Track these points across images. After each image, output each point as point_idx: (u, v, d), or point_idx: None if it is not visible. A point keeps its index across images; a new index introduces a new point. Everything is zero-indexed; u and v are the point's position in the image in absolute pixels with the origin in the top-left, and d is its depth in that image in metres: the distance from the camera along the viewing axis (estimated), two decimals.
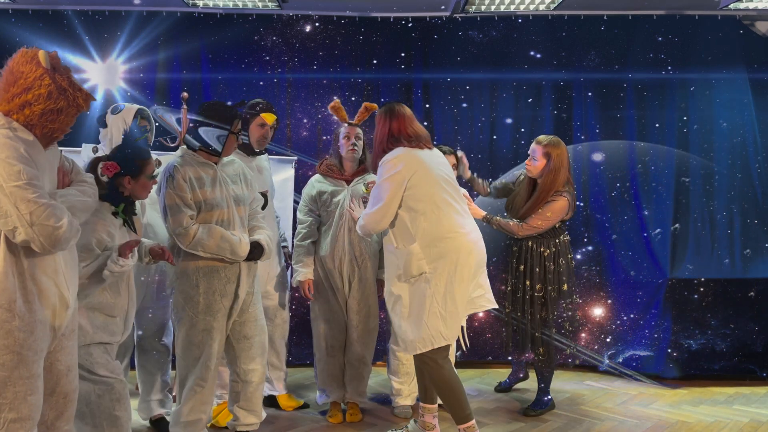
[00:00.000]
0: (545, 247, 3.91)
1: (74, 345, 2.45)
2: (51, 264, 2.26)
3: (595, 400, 4.27)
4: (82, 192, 2.39)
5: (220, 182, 3.17)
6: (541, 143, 3.85)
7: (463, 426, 3.20)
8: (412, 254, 3.13)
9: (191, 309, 3.12)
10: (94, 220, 2.71)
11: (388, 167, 3.17)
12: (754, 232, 4.97)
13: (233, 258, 3.13)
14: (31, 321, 2.20)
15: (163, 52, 5.00)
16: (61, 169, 2.41)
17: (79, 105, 2.28)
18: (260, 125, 3.71)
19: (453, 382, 3.20)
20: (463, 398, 3.21)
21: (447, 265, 3.12)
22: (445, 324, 3.12)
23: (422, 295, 3.14)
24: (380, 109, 3.35)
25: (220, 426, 3.67)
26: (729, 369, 4.71)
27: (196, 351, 3.13)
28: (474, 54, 5.11)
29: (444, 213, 3.15)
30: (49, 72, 2.23)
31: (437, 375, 3.20)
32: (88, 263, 2.69)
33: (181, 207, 3.05)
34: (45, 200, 2.14)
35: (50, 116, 2.23)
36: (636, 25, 5.05)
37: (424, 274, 3.13)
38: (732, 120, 5.03)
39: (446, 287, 3.12)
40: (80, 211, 2.35)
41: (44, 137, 2.27)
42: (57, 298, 2.28)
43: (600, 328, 4.95)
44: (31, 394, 2.20)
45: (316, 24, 5.07)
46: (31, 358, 2.20)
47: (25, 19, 4.90)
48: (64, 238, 2.17)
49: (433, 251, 3.12)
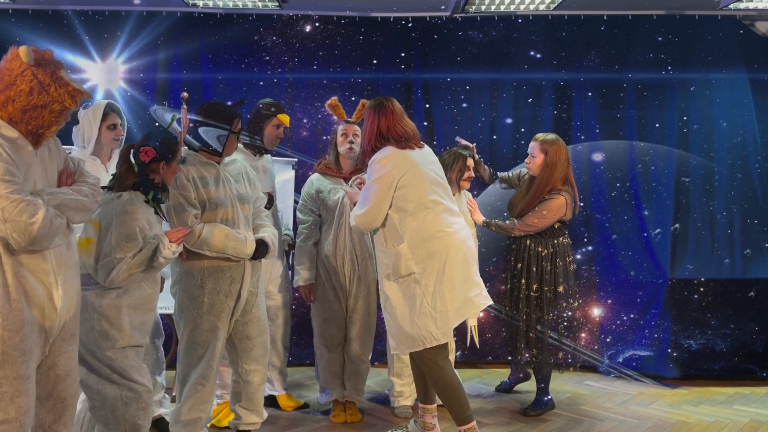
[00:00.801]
0: (543, 247, 3.91)
1: (74, 349, 2.44)
2: (39, 264, 2.23)
3: (595, 400, 4.27)
4: (76, 191, 2.36)
5: (224, 181, 3.17)
6: (538, 140, 3.89)
7: (463, 427, 3.19)
8: (400, 255, 3.14)
9: (196, 309, 3.11)
10: (133, 209, 2.71)
11: (378, 167, 3.16)
12: (754, 232, 4.98)
13: (239, 256, 3.13)
14: (16, 320, 2.16)
15: (163, 52, 5.00)
16: (65, 170, 2.39)
17: (65, 101, 2.24)
18: (276, 126, 3.77)
19: (453, 384, 3.20)
20: (464, 399, 3.20)
21: (436, 265, 3.12)
22: (436, 324, 3.12)
23: (412, 295, 3.15)
24: (369, 104, 3.32)
25: (222, 426, 3.67)
26: (729, 369, 4.71)
27: (200, 350, 3.13)
28: (474, 54, 5.11)
29: (432, 213, 3.16)
30: (32, 68, 2.20)
31: (438, 376, 3.20)
32: (135, 252, 2.69)
33: (185, 206, 3.04)
34: (19, 196, 2.10)
35: (33, 112, 2.20)
36: (636, 25, 5.05)
37: (413, 275, 3.14)
38: (732, 120, 5.03)
39: (435, 287, 3.12)
40: (73, 210, 2.30)
41: (30, 134, 2.23)
42: (45, 299, 2.25)
43: (600, 328, 4.95)
44: (19, 396, 2.17)
45: (316, 24, 5.07)
46: (18, 358, 2.17)
47: (25, 19, 4.89)
48: (40, 234, 2.13)
49: (421, 251, 3.13)
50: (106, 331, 2.69)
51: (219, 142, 3.13)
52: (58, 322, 2.32)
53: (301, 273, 3.83)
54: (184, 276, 3.13)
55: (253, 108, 3.87)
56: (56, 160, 2.39)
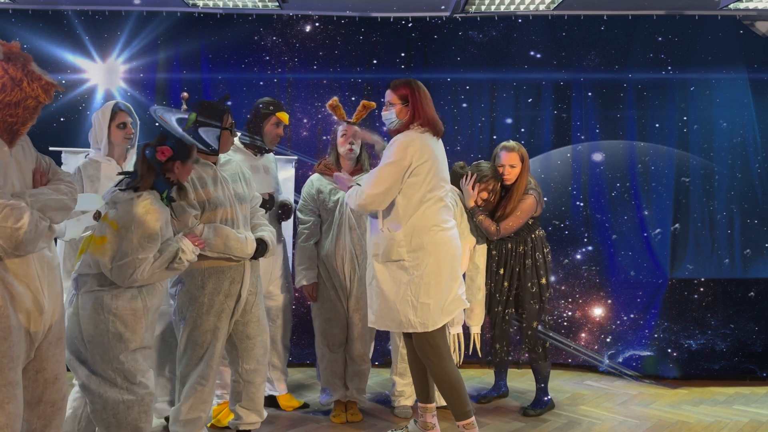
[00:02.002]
0: (523, 245, 3.97)
1: (62, 353, 2.40)
2: (24, 268, 2.18)
3: (595, 400, 4.27)
4: (56, 190, 2.29)
5: (221, 181, 3.17)
6: (514, 149, 3.92)
7: (462, 423, 3.21)
8: (394, 240, 3.16)
9: (196, 310, 3.11)
10: (154, 209, 2.69)
11: (398, 149, 3.13)
12: (754, 232, 4.98)
13: (240, 256, 3.13)
14: (4, 327, 2.12)
15: (163, 52, 5.00)
16: (38, 169, 2.31)
17: (38, 96, 2.14)
18: (275, 124, 3.77)
19: (454, 378, 3.22)
20: (464, 395, 3.22)
21: (426, 258, 3.15)
22: (415, 313, 3.16)
23: (398, 281, 3.18)
24: (404, 80, 3.27)
25: (222, 426, 3.67)
26: (729, 369, 4.71)
27: (199, 350, 3.13)
28: (474, 54, 5.11)
29: (433, 206, 3.19)
30: (1, 63, 2.09)
31: (439, 370, 3.21)
32: (155, 253, 2.69)
33: (185, 207, 3.03)
34: (2, 200, 2.05)
35: (6, 110, 2.11)
36: (636, 25, 5.05)
37: (402, 261, 3.17)
38: (732, 120, 5.03)
39: (422, 279, 3.15)
40: (54, 210, 2.25)
41: (5, 132, 2.15)
42: (31, 303, 2.21)
43: (600, 328, 4.95)
44: (8, 403, 2.13)
45: (316, 24, 5.07)
46: (6, 365, 2.12)
47: (25, 19, 4.89)
48: (26, 239, 2.08)
49: (414, 241, 3.16)
50: (121, 333, 2.67)
51: (215, 141, 3.14)
52: (44, 326, 2.28)
53: (303, 273, 3.84)
54: (185, 277, 3.13)
55: (253, 107, 3.87)
56: (30, 159, 2.31)
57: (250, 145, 3.78)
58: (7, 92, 2.10)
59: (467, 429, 3.23)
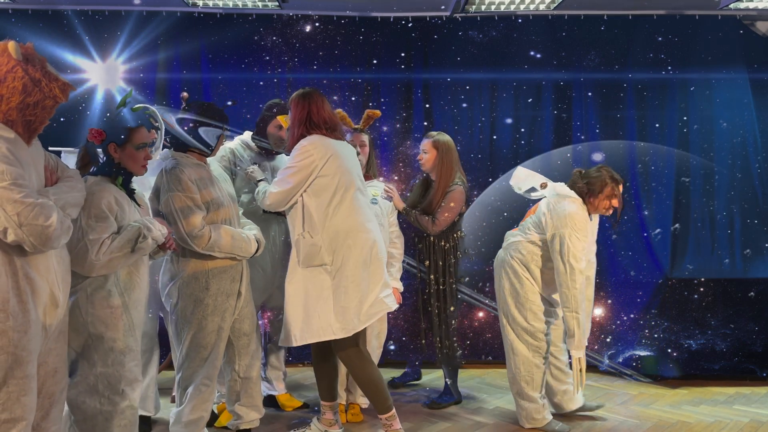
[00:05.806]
0: (446, 241, 4.02)
1: (63, 346, 2.42)
2: (43, 262, 2.23)
3: (595, 400, 4.27)
4: (71, 187, 2.35)
5: (216, 182, 3.20)
6: (431, 137, 4.02)
7: (384, 416, 3.32)
8: (314, 244, 3.19)
9: (200, 311, 3.09)
10: (98, 189, 2.59)
11: (302, 151, 3.21)
12: (754, 232, 4.98)
13: (244, 255, 3.16)
14: (24, 321, 2.17)
15: (163, 52, 5.00)
16: (47, 167, 2.36)
17: (56, 96, 2.21)
18: (277, 127, 3.75)
19: (376, 378, 3.31)
20: (385, 391, 3.33)
21: (347, 261, 3.19)
22: (337, 318, 3.20)
23: (319, 286, 3.21)
24: (296, 94, 3.35)
25: (222, 425, 3.67)
26: (729, 369, 4.71)
27: (204, 352, 3.12)
28: (474, 54, 5.11)
29: (351, 208, 3.23)
30: (21, 64, 2.14)
31: (361, 372, 3.30)
32: (111, 234, 2.56)
33: (192, 208, 3.02)
34: (32, 199, 2.09)
35: (27, 110, 2.17)
36: (636, 25, 5.05)
37: (324, 266, 3.20)
38: (732, 120, 5.04)
39: (342, 281, 3.19)
40: (72, 206, 2.33)
41: (26, 132, 2.21)
42: (48, 297, 2.25)
43: (600, 328, 4.95)
44: (25, 395, 2.17)
45: (316, 24, 5.07)
46: (25, 358, 2.17)
47: (25, 19, 4.89)
48: (54, 236, 2.14)
49: (335, 244, 3.19)
50: (101, 333, 2.56)
51: (213, 141, 3.16)
52: (57, 320, 2.32)
53: None
54: (188, 280, 3.10)
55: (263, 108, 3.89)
56: (41, 156, 2.35)
57: (260, 146, 3.80)
58: (28, 92, 2.16)
59: (389, 420, 3.32)
